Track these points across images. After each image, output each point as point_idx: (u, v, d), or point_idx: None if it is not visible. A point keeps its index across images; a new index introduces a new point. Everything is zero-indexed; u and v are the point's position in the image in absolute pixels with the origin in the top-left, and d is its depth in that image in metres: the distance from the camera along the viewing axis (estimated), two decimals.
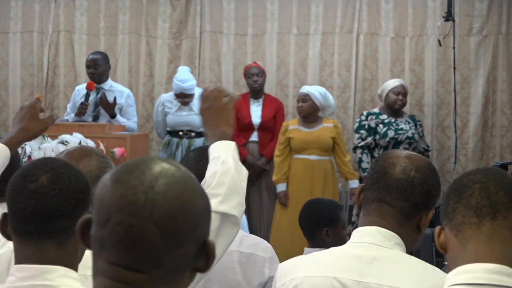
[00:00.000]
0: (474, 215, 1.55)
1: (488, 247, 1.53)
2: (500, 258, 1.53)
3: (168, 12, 7.20)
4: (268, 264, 2.65)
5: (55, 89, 7.34)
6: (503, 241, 1.54)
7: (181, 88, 6.24)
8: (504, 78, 6.90)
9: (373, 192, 2.03)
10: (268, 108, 6.48)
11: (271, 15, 7.09)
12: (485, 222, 1.54)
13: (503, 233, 1.54)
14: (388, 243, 1.97)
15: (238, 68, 7.10)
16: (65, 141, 5.22)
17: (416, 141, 6.18)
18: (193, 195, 1.24)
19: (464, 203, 1.57)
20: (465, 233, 1.56)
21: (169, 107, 6.44)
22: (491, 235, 1.54)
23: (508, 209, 1.55)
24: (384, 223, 1.99)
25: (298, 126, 6.11)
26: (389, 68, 6.97)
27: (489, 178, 1.58)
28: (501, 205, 1.55)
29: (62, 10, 7.30)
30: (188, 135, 6.41)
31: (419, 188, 2.00)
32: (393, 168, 2.02)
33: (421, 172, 2.02)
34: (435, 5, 6.88)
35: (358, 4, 6.99)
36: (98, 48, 7.04)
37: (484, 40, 6.89)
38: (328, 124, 6.11)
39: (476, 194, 1.56)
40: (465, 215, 1.56)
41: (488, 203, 1.55)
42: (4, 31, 7.38)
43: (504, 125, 6.92)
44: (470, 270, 1.53)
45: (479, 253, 1.53)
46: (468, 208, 1.56)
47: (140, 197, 1.20)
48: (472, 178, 1.59)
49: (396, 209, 2.00)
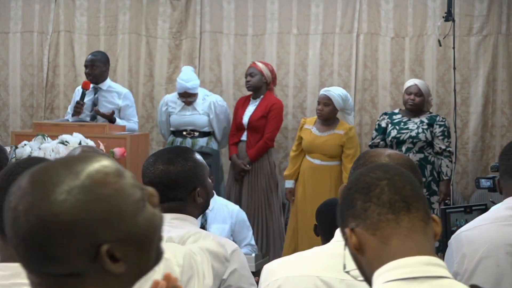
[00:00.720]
0: (389, 211, 1.56)
1: (411, 240, 1.55)
2: (424, 249, 1.56)
3: (168, 12, 7.20)
4: (227, 264, 2.56)
5: (55, 89, 7.34)
6: (421, 232, 1.57)
7: (184, 87, 6.24)
8: (504, 78, 6.90)
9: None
10: (260, 108, 6.44)
11: (271, 15, 7.10)
12: (402, 217, 1.56)
13: (419, 225, 1.57)
14: None
15: (238, 68, 7.10)
16: (65, 141, 5.21)
17: (421, 140, 6.07)
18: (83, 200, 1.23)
19: (376, 201, 1.57)
20: (384, 230, 1.56)
21: (172, 107, 6.45)
22: (410, 228, 1.56)
23: (417, 200, 1.59)
24: None
25: (312, 127, 6.10)
26: (389, 68, 6.97)
27: (392, 174, 1.60)
28: (411, 198, 1.58)
29: (62, 10, 7.30)
30: (192, 134, 6.41)
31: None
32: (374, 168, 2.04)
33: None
34: (435, 5, 6.88)
35: (358, 4, 6.99)
36: (98, 48, 7.04)
37: (484, 40, 6.89)
38: (340, 131, 6.06)
39: (386, 191, 1.57)
40: (380, 212, 1.57)
41: (400, 198, 1.57)
42: (4, 31, 7.38)
43: (504, 125, 6.93)
44: (404, 264, 1.54)
45: (406, 248, 1.55)
46: (381, 205, 1.57)
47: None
48: (375, 176, 1.60)
49: None
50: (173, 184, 2.59)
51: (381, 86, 6.97)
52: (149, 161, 2.64)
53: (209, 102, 6.42)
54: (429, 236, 1.58)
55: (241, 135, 6.48)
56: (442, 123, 6.17)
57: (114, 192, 1.25)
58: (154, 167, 2.60)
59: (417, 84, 6.17)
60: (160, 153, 2.70)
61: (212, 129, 6.45)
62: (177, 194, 2.60)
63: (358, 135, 6.98)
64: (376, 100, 6.99)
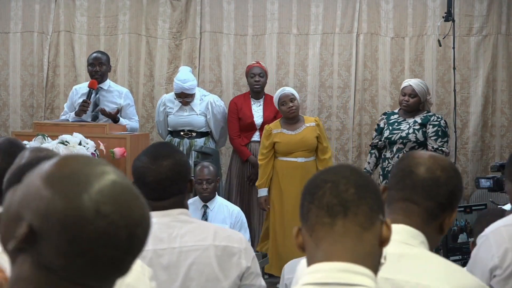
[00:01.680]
0: (326, 215, 1.57)
1: (340, 246, 1.56)
2: (351, 255, 1.55)
3: (168, 12, 7.20)
4: (244, 255, 2.65)
5: (55, 89, 7.34)
6: (354, 238, 1.56)
7: (182, 88, 6.23)
8: (504, 78, 6.91)
9: (398, 191, 2.05)
10: (269, 108, 6.48)
11: (271, 15, 7.10)
12: (338, 221, 1.56)
13: (354, 230, 1.56)
14: (414, 241, 1.99)
15: (238, 68, 7.10)
16: (65, 141, 5.22)
17: (411, 141, 5.97)
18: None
19: (317, 203, 1.59)
20: (318, 233, 1.58)
21: (170, 107, 6.44)
22: (342, 233, 1.56)
23: (358, 205, 1.57)
24: (409, 222, 2.01)
25: (281, 130, 6.01)
26: (389, 68, 6.97)
27: (339, 176, 1.60)
28: (351, 202, 1.57)
29: (62, 10, 7.30)
30: (189, 135, 6.41)
31: (444, 187, 2.03)
32: (418, 167, 2.04)
33: (446, 172, 2.05)
34: (435, 5, 6.88)
35: (358, 4, 6.99)
36: (98, 48, 7.04)
37: (483, 40, 6.90)
38: (311, 124, 6.05)
39: (327, 194, 1.58)
40: (318, 215, 1.58)
41: (338, 202, 1.57)
42: (4, 31, 7.38)
43: (504, 125, 6.93)
44: (319, 269, 1.55)
45: (330, 252, 1.56)
46: (320, 208, 1.58)
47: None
48: (324, 178, 1.61)
49: (421, 208, 2.02)
50: (178, 177, 2.63)
51: (381, 86, 6.97)
52: (145, 161, 2.65)
53: (207, 102, 6.42)
54: (365, 242, 1.56)
55: (251, 135, 6.47)
56: (436, 123, 6.00)
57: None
58: (155, 164, 2.62)
59: (411, 85, 6.05)
60: (152, 150, 2.71)
61: (209, 129, 6.45)
62: (180, 187, 2.65)
63: (358, 135, 7.00)
64: (376, 100, 6.99)
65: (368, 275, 1.54)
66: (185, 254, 2.62)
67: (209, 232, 2.65)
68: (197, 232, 2.64)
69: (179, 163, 2.65)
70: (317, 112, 6.96)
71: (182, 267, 2.61)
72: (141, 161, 2.66)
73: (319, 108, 7.04)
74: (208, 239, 2.63)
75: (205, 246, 2.62)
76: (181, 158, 2.68)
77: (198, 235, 2.63)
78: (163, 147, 2.75)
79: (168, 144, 2.86)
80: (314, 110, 7.01)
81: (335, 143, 6.97)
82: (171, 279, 2.61)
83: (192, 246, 2.62)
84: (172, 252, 2.62)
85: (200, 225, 2.71)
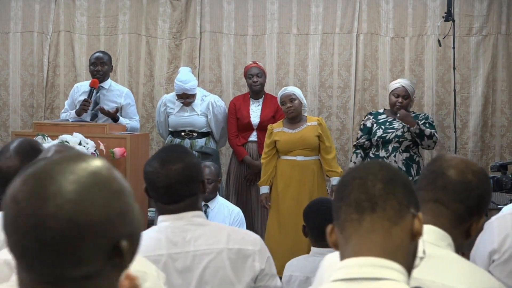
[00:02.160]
0: (354, 211, 1.59)
1: (368, 241, 1.57)
2: (379, 250, 1.56)
3: (168, 12, 7.20)
4: (258, 257, 2.66)
5: (55, 89, 7.34)
6: (383, 232, 1.57)
7: (183, 88, 6.23)
8: (504, 78, 6.91)
9: (428, 192, 2.06)
10: (268, 108, 6.48)
11: (271, 15, 7.10)
12: (365, 217, 1.58)
13: (383, 225, 1.57)
14: (442, 243, 2.00)
15: (238, 68, 7.11)
16: (65, 141, 5.21)
17: (407, 139, 6.05)
18: (94, 194, 1.21)
19: (346, 201, 1.61)
20: (348, 229, 1.59)
21: (171, 108, 6.44)
22: (370, 229, 1.57)
23: (386, 200, 1.58)
24: (438, 223, 2.02)
25: (282, 128, 6.04)
26: (389, 68, 6.98)
27: (367, 173, 1.62)
28: (378, 198, 1.58)
29: (62, 10, 7.30)
30: (190, 135, 6.41)
31: (475, 192, 2.04)
32: (450, 170, 2.05)
33: (477, 177, 2.06)
34: (435, 5, 6.88)
35: (358, 4, 7.00)
36: (98, 48, 7.04)
37: (483, 40, 6.90)
38: (313, 123, 6.04)
39: (355, 190, 1.60)
40: (347, 212, 1.60)
41: (366, 197, 1.59)
42: (4, 31, 7.38)
43: (504, 125, 6.93)
44: (346, 265, 1.57)
45: (359, 248, 1.57)
46: (348, 205, 1.60)
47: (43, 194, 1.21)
48: (352, 175, 1.63)
49: (451, 211, 2.03)
50: (189, 180, 2.64)
51: (381, 86, 6.98)
52: (155, 165, 2.66)
53: (207, 102, 6.42)
54: (395, 236, 1.57)
55: (248, 135, 6.48)
56: (424, 117, 6.16)
57: (120, 187, 1.26)
58: (165, 169, 2.63)
59: (404, 86, 6.10)
60: (162, 155, 2.71)
61: (210, 129, 6.45)
62: (192, 189, 2.66)
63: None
64: (376, 100, 7.00)
65: (397, 269, 1.55)
66: (199, 258, 2.62)
67: (223, 235, 2.66)
68: (210, 235, 2.65)
69: (188, 166, 2.65)
70: (317, 112, 6.96)
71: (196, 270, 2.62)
72: (151, 166, 2.67)
73: (319, 108, 7.04)
74: (222, 242, 2.63)
75: (218, 249, 2.63)
76: (190, 161, 2.67)
77: (211, 238, 2.64)
78: (172, 150, 2.73)
79: (178, 147, 2.83)
80: (314, 110, 7.01)
81: (335, 143, 6.96)
82: (185, 283, 2.62)
83: (206, 250, 2.63)
84: (186, 256, 2.63)
85: (214, 227, 2.71)
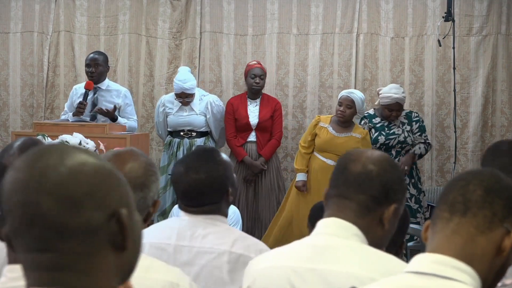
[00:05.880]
0: (447, 210, 1.61)
1: (449, 241, 1.59)
2: (457, 252, 1.58)
3: (168, 12, 7.20)
4: None
5: (55, 89, 7.34)
6: (466, 237, 1.59)
7: (182, 88, 6.23)
8: (504, 78, 6.91)
9: (333, 189, 2.09)
10: (266, 108, 6.48)
11: (271, 15, 7.10)
12: (454, 218, 1.60)
13: (468, 230, 1.59)
14: (344, 233, 2.01)
15: (238, 68, 7.11)
16: (65, 141, 5.21)
17: (409, 144, 6.21)
18: (86, 163, 1.21)
19: (444, 199, 1.63)
20: (437, 226, 1.62)
21: (170, 108, 6.44)
22: (455, 230, 1.59)
23: (480, 208, 1.60)
24: (341, 216, 2.04)
25: (327, 126, 6.04)
26: (389, 68, 6.98)
27: (474, 177, 1.63)
28: (474, 203, 1.60)
29: (62, 10, 7.30)
30: (189, 135, 6.41)
31: (377, 180, 2.04)
32: (353, 164, 2.07)
33: (378, 165, 2.06)
34: (435, 5, 6.88)
35: (358, 4, 7.00)
36: (98, 48, 7.04)
37: (483, 40, 6.90)
38: (357, 135, 6.02)
39: (455, 191, 1.62)
40: (441, 209, 1.63)
41: (462, 200, 1.61)
42: (4, 31, 7.38)
43: (504, 125, 6.93)
44: (421, 259, 1.60)
45: (438, 245, 1.60)
46: (444, 203, 1.63)
47: (31, 174, 1.19)
48: (460, 177, 1.66)
49: (353, 202, 2.04)
50: (207, 190, 2.67)
51: (381, 86, 6.97)
52: (180, 170, 2.70)
53: (206, 102, 6.42)
54: (477, 245, 1.58)
55: (247, 136, 6.49)
56: (417, 119, 6.33)
57: (113, 168, 1.27)
58: (186, 176, 2.66)
59: (398, 102, 6.18)
60: (189, 160, 2.73)
61: (209, 129, 6.46)
62: (212, 198, 2.69)
63: None
64: (376, 100, 6.99)
65: (470, 274, 1.56)
66: (201, 255, 2.65)
67: (230, 238, 2.67)
68: (219, 235, 2.67)
69: (211, 177, 2.67)
70: (317, 112, 6.96)
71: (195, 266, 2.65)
72: (177, 168, 2.73)
73: (319, 108, 7.04)
74: (227, 244, 2.65)
75: (221, 250, 2.64)
76: (214, 171, 2.68)
77: (218, 239, 2.66)
78: (200, 157, 2.74)
79: (206, 154, 2.76)
80: (314, 110, 7.01)
81: None
82: None
83: (209, 248, 2.65)
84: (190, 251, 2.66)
85: (225, 229, 2.72)
